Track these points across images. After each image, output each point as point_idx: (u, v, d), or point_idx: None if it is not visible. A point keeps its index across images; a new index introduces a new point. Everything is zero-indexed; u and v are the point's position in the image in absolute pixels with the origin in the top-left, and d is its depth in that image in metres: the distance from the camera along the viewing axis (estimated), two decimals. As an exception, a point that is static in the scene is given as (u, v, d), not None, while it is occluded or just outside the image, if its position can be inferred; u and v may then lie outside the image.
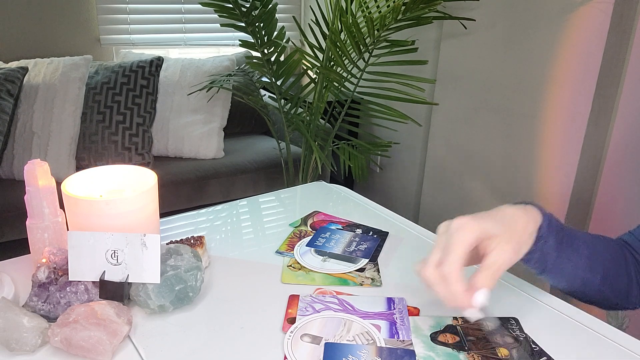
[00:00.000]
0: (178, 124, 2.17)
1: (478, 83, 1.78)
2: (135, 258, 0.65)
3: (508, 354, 0.60)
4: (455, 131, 1.91)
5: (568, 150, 1.54)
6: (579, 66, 1.47)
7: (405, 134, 2.27)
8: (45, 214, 0.70)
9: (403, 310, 0.68)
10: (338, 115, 2.00)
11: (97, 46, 2.43)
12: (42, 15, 2.27)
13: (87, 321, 0.59)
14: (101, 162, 1.99)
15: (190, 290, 0.67)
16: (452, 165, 1.94)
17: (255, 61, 1.87)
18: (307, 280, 0.75)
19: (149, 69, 2.05)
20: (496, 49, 1.69)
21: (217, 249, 0.83)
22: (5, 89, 1.85)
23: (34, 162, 0.69)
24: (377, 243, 0.86)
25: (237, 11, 1.73)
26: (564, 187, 1.56)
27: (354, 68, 1.80)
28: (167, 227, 0.90)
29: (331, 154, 2.25)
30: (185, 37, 2.58)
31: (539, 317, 0.68)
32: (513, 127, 1.68)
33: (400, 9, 1.54)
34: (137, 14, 2.45)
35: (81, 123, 1.98)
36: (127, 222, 0.69)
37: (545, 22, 1.53)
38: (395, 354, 0.60)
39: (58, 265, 0.66)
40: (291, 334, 0.63)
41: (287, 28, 2.84)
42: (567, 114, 1.52)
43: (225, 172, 2.08)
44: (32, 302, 0.64)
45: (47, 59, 2.03)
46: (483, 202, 1.84)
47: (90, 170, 0.76)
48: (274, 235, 0.88)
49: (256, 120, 2.57)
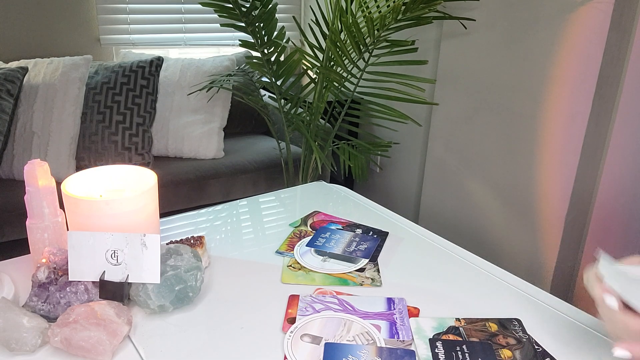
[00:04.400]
0: (178, 124, 2.17)
1: (478, 83, 1.78)
2: (135, 258, 0.65)
3: (511, 355, 0.60)
4: (455, 131, 1.90)
5: (568, 150, 1.53)
6: (579, 66, 1.47)
7: (405, 134, 2.27)
8: (45, 214, 0.70)
9: (403, 310, 0.68)
10: (338, 115, 2.00)
11: (97, 46, 2.43)
12: (42, 15, 2.27)
13: (87, 321, 0.59)
14: (101, 162, 1.99)
15: (190, 290, 0.67)
16: (452, 165, 1.94)
17: (255, 61, 1.87)
18: (307, 280, 0.75)
19: (149, 69, 2.05)
20: (496, 49, 1.69)
21: (217, 249, 0.83)
22: (5, 89, 1.85)
23: (34, 162, 0.69)
24: (377, 243, 0.86)
25: (237, 11, 1.73)
26: (564, 187, 1.56)
27: (354, 68, 1.81)
28: (167, 227, 0.90)
29: (331, 154, 2.25)
30: (185, 37, 2.58)
31: (541, 318, 0.68)
32: (513, 127, 1.68)
33: (400, 9, 1.54)
34: (137, 14, 2.45)
35: (81, 123, 1.98)
36: (127, 222, 0.69)
37: (545, 22, 1.53)
38: (395, 354, 0.60)
39: (58, 265, 0.66)
40: (291, 334, 0.63)
41: (287, 28, 2.84)
42: (567, 114, 1.52)
43: (225, 172, 2.08)
44: (32, 302, 0.64)
45: (47, 59, 2.03)
46: (483, 202, 1.84)
47: (90, 170, 0.76)
48: (274, 235, 0.88)
49: (256, 120, 2.57)
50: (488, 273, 0.79)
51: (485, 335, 0.64)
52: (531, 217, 1.67)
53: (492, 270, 0.80)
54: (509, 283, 0.76)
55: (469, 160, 1.87)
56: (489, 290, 0.74)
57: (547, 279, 1.65)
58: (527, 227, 1.69)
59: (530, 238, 1.68)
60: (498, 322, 0.66)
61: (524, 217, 1.69)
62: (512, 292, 0.74)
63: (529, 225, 1.68)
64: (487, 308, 0.70)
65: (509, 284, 0.76)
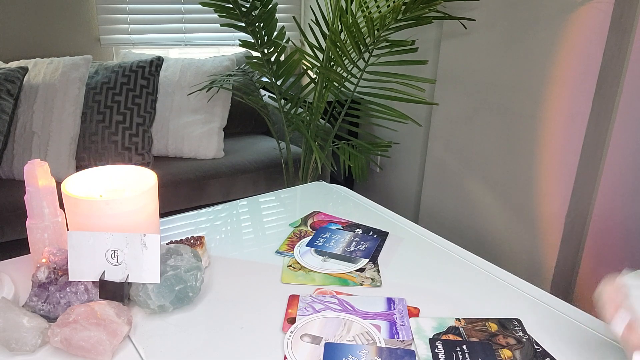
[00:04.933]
0: (178, 124, 2.17)
1: (478, 83, 1.78)
2: (135, 258, 0.65)
3: (511, 355, 0.60)
4: (455, 131, 1.90)
5: (568, 150, 1.53)
6: (579, 66, 1.47)
7: (405, 134, 2.27)
8: (45, 214, 0.70)
9: (403, 310, 0.68)
10: (338, 115, 2.00)
11: (97, 46, 2.43)
12: (42, 15, 2.27)
13: (87, 321, 0.59)
14: (101, 162, 1.99)
15: (190, 290, 0.67)
16: (452, 165, 1.94)
17: (255, 61, 1.87)
18: (307, 280, 0.75)
19: (149, 69, 2.05)
20: (496, 49, 1.69)
21: (217, 249, 0.83)
22: (5, 89, 1.85)
23: (34, 162, 0.69)
24: (377, 243, 0.86)
25: (237, 11, 1.73)
26: (564, 187, 1.56)
27: (354, 68, 1.81)
28: (167, 227, 0.90)
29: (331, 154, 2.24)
30: (185, 37, 2.58)
31: (541, 318, 0.68)
32: (513, 127, 1.68)
33: (400, 9, 1.54)
34: (137, 14, 2.45)
35: (81, 123, 1.98)
36: (127, 222, 0.69)
37: (545, 22, 1.53)
38: (395, 354, 0.60)
39: (58, 265, 0.66)
40: (291, 334, 0.63)
41: (287, 28, 2.84)
42: (567, 114, 1.52)
43: (225, 172, 2.08)
44: (32, 302, 0.64)
45: (47, 59, 2.03)
46: (483, 202, 1.84)
47: (90, 170, 0.76)
48: (274, 235, 0.88)
49: (256, 120, 2.57)
50: (488, 273, 0.79)
51: (485, 336, 0.64)
52: (531, 217, 1.67)
53: (492, 270, 0.80)
54: (509, 283, 0.76)
55: (469, 160, 1.87)
56: (489, 290, 0.74)
57: (547, 279, 1.65)
58: (527, 227, 1.69)
59: (530, 238, 1.68)
60: (498, 322, 0.66)
61: (524, 217, 1.69)
62: (512, 292, 0.74)
63: (529, 225, 1.68)
64: (487, 308, 0.70)
65: (509, 284, 0.76)
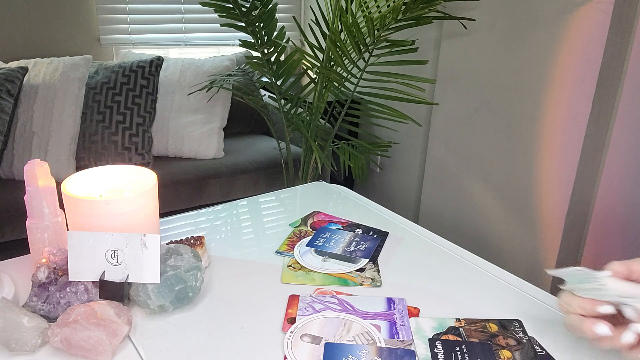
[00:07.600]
0: (178, 124, 2.17)
1: (478, 83, 1.78)
2: (135, 258, 0.65)
3: (511, 356, 0.60)
4: (455, 131, 1.90)
5: (568, 150, 1.53)
6: (579, 66, 1.47)
7: (405, 134, 2.27)
8: (45, 214, 0.70)
9: (403, 310, 0.68)
10: (338, 115, 2.00)
11: (97, 46, 2.43)
12: (42, 15, 2.27)
13: (87, 321, 0.59)
14: (101, 162, 1.99)
15: (190, 290, 0.67)
16: (452, 165, 1.94)
17: (255, 61, 1.87)
18: (307, 280, 0.75)
19: (149, 69, 2.05)
20: (496, 49, 1.69)
21: (217, 249, 0.83)
22: (5, 89, 1.85)
23: (34, 162, 0.69)
24: (377, 243, 0.86)
25: (237, 11, 1.73)
26: (564, 187, 1.56)
27: (354, 68, 1.81)
28: (167, 227, 0.90)
29: (331, 154, 2.24)
30: (185, 37, 2.58)
31: (542, 318, 0.68)
32: (513, 127, 1.68)
33: (400, 9, 1.54)
34: (137, 14, 2.45)
35: (81, 123, 1.98)
36: (127, 222, 0.69)
37: (545, 22, 1.53)
38: (395, 354, 0.60)
39: (58, 265, 0.66)
40: (291, 334, 0.63)
41: (287, 28, 2.84)
42: (567, 114, 1.52)
43: (225, 172, 2.08)
44: (32, 302, 0.64)
45: (47, 59, 2.03)
46: (483, 202, 1.84)
47: (90, 170, 0.76)
48: (274, 235, 0.88)
49: (256, 120, 2.57)
50: (488, 273, 0.79)
51: (485, 336, 0.63)
52: (531, 217, 1.67)
53: (492, 270, 0.80)
54: (509, 283, 0.76)
55: (469, 160, 1.87)
56: (489, 290, 0.74)
57: (547, 279, 1.65)
58: (527, 227, 1.69)
59: (530, 238, 1.68)
60: (498, 323, 0.66)
61: (524, 217, 1.69)
62: (512, 292, 0.74)
63: (529, 225, 1.68)
64: (487, 308, 0.70)
65: (509, 284, 0.76)
